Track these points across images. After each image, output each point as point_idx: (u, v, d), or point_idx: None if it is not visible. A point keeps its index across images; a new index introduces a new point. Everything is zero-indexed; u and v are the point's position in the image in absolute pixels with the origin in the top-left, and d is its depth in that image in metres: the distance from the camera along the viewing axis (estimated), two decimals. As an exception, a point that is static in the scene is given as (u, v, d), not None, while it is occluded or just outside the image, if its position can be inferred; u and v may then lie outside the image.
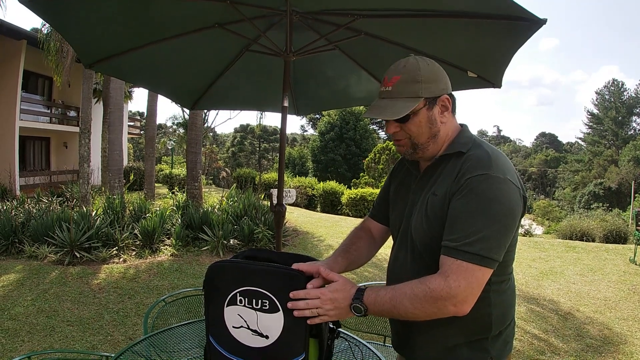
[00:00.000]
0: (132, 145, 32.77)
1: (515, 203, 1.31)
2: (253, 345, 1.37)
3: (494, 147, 1.46)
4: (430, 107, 1.42)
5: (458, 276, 1.24)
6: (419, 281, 1.29)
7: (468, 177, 1.31)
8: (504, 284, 1.45)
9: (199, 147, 10.79)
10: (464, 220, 1.29)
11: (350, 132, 35.92)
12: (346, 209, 16.77)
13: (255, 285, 1.36)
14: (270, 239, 7.80)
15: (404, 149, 1.49)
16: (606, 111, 53.25)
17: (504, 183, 1.29)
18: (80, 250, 6.32)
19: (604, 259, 8.63)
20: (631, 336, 4.80)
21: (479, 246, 1.25)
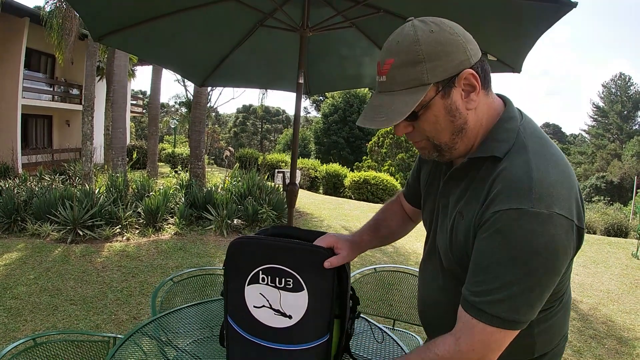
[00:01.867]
0: (134, 124, 32.65)
1: (564, 246, 0.94)
2: (275, 325, 1.29)
3: (546, 144, 1.04)
4: (446, 93, 1.00)
5: (472, 338, 0.98)
6: (427, 348, 1.07)
7: (496, 211, 0.95)
8: (553, 309, 1.13)
9: (203, 126, 10.71)
10: (488, 270, 0.97)
11: (354, 114, 35.76)
12: (349, 192, 16.73)
13: (278, 263, 1.28)
14: (275, 219, 7.78)
15: (427, 152, 1.13)
16: (612, 104, 53.00)
17: (547, 222, 0.91)
18: (83, 228, 6.28)
19: (606, 252, 8.62)
20: (634, 329, 4.80)
21: (503, 307, 0.95)
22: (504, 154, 1.02)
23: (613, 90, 53.93)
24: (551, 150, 1.02)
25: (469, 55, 1.00)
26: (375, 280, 2.95)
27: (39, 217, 6.53)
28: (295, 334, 1.28)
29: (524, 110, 1.15)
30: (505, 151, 1.02)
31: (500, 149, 1.02)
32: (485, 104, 1.07)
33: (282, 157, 20.02)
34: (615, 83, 54.07)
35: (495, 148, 1.03)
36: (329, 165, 19.22)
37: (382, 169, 22.55)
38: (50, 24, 11.67)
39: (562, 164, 1.01)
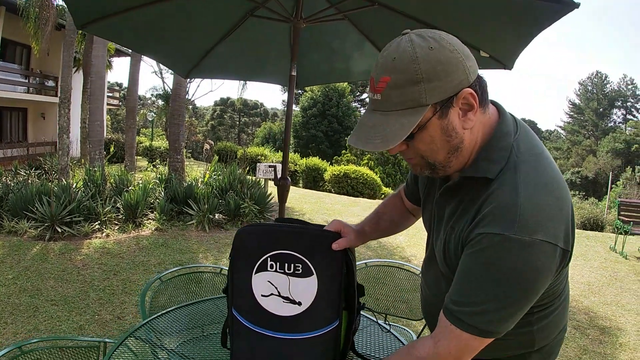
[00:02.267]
0: (110, 117, 32.02)
1: (543, 270, 0.96)
2: (284, 314, 1.28)
3: (538, 163, 1.04)
4: (443, 114, 0.98)
5: (449, 342, 1.04)
6: (406, 351, 1.14)
7: (480, 233, 0.98)
8: (550, 308, 1.17)
9: (182, 119, 10.53)
10: (468, 284, 1.02)
11: (333, 108, 35.76)
12: (329, 186, 16.72)
13: (287, 249, 1.27)
14: (257, 213, 7.68)
15: (419, 169, 1.11)
16: (588, 102, 54.49)
17: (529, 249, 0.93)
18: (62, 224, 6.07)
19: (585, 246, 8.78)
20: (615, 321, 4.91)
21: (480, 319, 0.99)
22: (495, 174, 1.01)
23: (589, 88, 55.47)
24: (544, 171, 1.02)
25: (468, 73, 0.97)
26: (365, 276, 2.91)
27: (15, 214, 6.29)
28: (304, 322, 1.27)
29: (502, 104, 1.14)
30: (497, 172, 1.01)
31: (492, 170, 1.02)
32: (481, 122, 1.05)
33: (262, 151, 19.88)
34: (592, 81, 55.61)
35: (487, 169, 1.03)
36: (308, 159, 19.17)
37: (362, 162, 22.63)
38: (27, 13, 11.37)
39: (554, 188, 1.00)
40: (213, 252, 6.07)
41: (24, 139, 17.38)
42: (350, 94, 39.95)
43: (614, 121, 54.37)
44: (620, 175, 39.27)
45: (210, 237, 6.68)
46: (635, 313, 5.17)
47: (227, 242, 6.54)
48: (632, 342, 4.38)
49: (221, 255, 5.94)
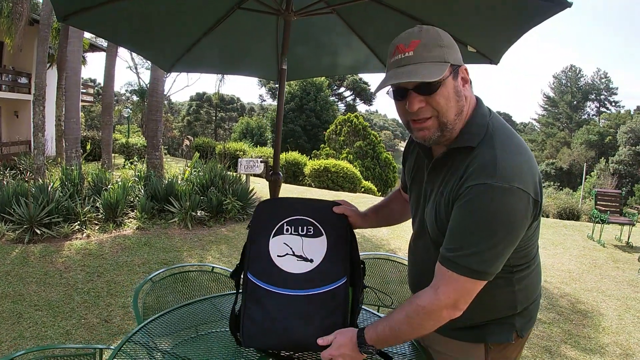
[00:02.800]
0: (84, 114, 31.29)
1: (521, 213, 1.18)
2: (297, 271, 1.47)
3: (509, 136, 1.28)
4: (455, 77, 1.24)
5: (448, 287, 1.21)
6: (410, 302, 1.29)
7: (468, 186, 1.20)
8: (527, 269, 1.40)
9: (160, 115, 10.31)
10: (461, 231, 1.21)
11: (311, 103, 35.70)
12: (309, 180, 16.67)
13: (300, 215, 1.54)
14: (240, 210, 7.60)
15: (429, 133, 1.28)
16: (562, 95, 55.77)
17: (508, 194, 1.15)
18: (41, 226, 5.90)
19: (563, 234, 8.97)
20: (597, 306, 5.06)
21: (472, 259, 1.18)
22: (476, 143, 1.25)
23: (563, 82, 56.80)
24: (515, 141, 1.26)
25: (460, 56, 1.27)
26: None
27: (-9, 216, 6.09)
28: (316, 277, 1.46)
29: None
30: (477, 141, 1.25)
31: (473, 140, 1.26)
32: (470, 97, 1.31)
33: (241, 146, 19.70)
34: (566, 74, 56.92)
35: (469, 139, 1.26)
36: (288, 154, 19.07)
37: (340, 156, 22.62)
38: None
39: (523, 152, 1.24)
40: (197, 250, 5.99)
41: (-3, 139, 16.89)
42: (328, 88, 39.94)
43: (588, 114, 56.10)
44: (594, 166, 40.36)
45: (194, 235, 6.59)
46: (615, 298, 5.31)
47: (211, 239, 6.47)
48: (614, 325, 4.53)
49: (206, 253, 5.86)
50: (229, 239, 6.54)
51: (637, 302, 5.24)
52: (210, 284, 2.66)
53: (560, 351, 3.90)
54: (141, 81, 31.17)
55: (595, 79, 55.72)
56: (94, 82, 40.03)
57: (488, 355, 1.43)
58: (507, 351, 1.45)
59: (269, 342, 1.46)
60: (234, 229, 7.06)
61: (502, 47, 2.70)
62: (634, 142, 40.66)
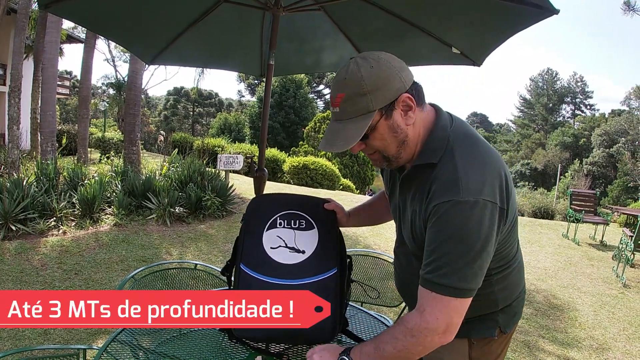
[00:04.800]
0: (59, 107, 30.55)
1: (491, 224, 1.18)
2: (289, 262, 1.53)
3: (472, 144, 1.28)
4: (388, 115, 1.24)
5: (434, 309, 1.19)
6: (397, 324, 1.27)
7: (434, 205, 1.20)
8: (506, 270, 1.40)
9: (138, 109, 10.14)
10: (436, 251, 1.20)
11: (290, 99, 35.61)
12: (287, 177, 16.62)
13: (293, 209, 1.63)
14: (219, 206, 7.53)
15: (378, 163, 1.37)
16: (538, 97, 56.93)
17: (475, 207, 1.16)
18: (16, 222, 5.74)
19: (539, 233, 9.15)
20: (573, 302, 5.20)
21: (453, 277, 1.17)
22: (438, 159, 1.25)
23: (540, 84, 57.97)
24: (476, 150, 1.27)
25: (404, 82, 1.23)
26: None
27: (-36, 213, 5.88)
28: (307, 267, 1.52)
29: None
30: (438, 157, 1.25)
31: (434, 156, 1.26)
32: (420, 118, 1.30)
33: (219, 142, 19.48)
34: (543, 77, 58.13)
35: (430, 156, 1.27)
36: (267, 151, 18.93)
37: (319, 154, 22.63)
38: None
39: (486, 161, 1.24)
40: (177, 246, 5.92)
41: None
42: (308, 86, 39.87)
43: (563, 116, 57.46)
44: (568, 167, 41.32)
45: (173, 232, 6.51)
46: (590, 295, 5.45)
47: (191, 236, 6.40)
48: (590, 321, 4.66)
49: (185, 250, 5.80)
50: (208, 236, 6.48)
51: (611, 298, 5.39)
52: (190, 282, 2.62)
53: (539, 345, 4.00)
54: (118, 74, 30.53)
55: (572, 82, 57.15)
56: (70, 74, 39.19)
57: (472, 350, 1.45)
58: (491, 346, 1.47)
59: (259, 333, 1.48)
60: (213, 226, 7.00)
61: (487, 50, 2.73)
62: (607, 145, 41.75)
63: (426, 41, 2.77)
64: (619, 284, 5.99)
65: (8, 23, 12.91)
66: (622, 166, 36.86)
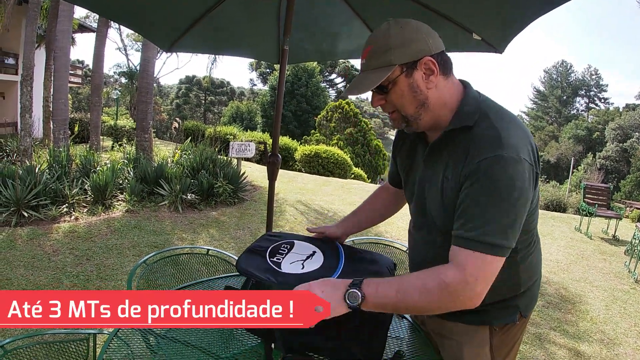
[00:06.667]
0: (71, 96, 30.76)
1: (528, 184, 1.19)
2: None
3: (503, 111, 1.31)
4: (409, 73, 1.26)
5: (476, 269, 1.16)
6: (430, 274, 1.21)
7: (479, 160, 1.19)
8: (530, 248, 1.41)
9: (150, 97, 10.12)
10: (478, 208, 1.18)
11: (302, 88, 35.54)
12: (299, 165, 16.58)
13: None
14: (231, 193, 7.54)
15: (397, 123, 1.38)
16: (552, 89, 56.32)
17: (518, 164, 1.16)
18: (28, 208, 5.78)
19: (551, 226, 9.05)
20: (584, 296, 5.15)
21: (495, 235, 1.15)
22: (473, 121, 1.26)
23: (554, 76, 57.35)
24: (510, 116, 1.30)
25: (430, 46, 1.27)
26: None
27: (-23, 200, 5.94)
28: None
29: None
30: (474, 120, 1.26)
31: (469, 119, 1.27)
32: (445, 86, 1.31)
33: (231, 130, 19.47)
34: (557, 69, 57.47)
35: (465, 119, 1.28)
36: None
37: (331, 143, 22.55)
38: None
39: (518, 123, 1.27)
40: (188, 233, 5.94)
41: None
42: (320, 74, 39.73)
43: (577, 109, 56.86)
44: (581, 161, 40.88)
45: (184, 218, 6.53)
46: (602, 289, 5.39)
47: (202, 222, 6.42)
48: (601, 315, 4.61)
49: (197, 237, 5.82)
50: (220, 223, 6.49)
51: (623, 293, 5.32)
52: (201, 268, 2.62)
53: (550, 338, 3.97)
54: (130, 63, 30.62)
55: (586, 75, 56.44)
56: (82, 63, 39.37)
57: (493, 337, 1.45)
58: (511, 332, 1.48)
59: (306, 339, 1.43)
60: (224, 213, 7.01)
61: (509, 36, 2.65)
62: (621, 139, 41.22)
63: (446, 27, 2.71)
64: (631, 279, 5.91)
65: (19, 13, 13.00)
66: (635, 161, 36.37)
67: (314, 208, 7.93)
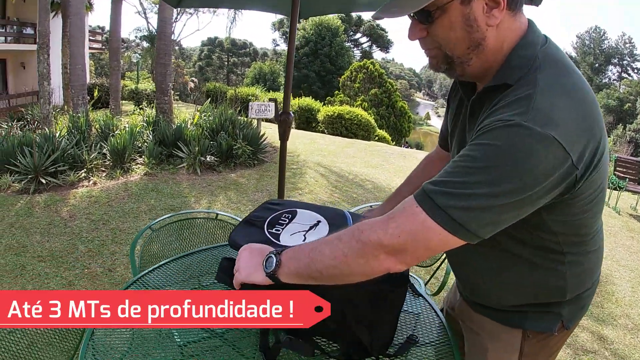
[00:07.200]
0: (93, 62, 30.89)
1: (544, 172, 0.83)
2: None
3: (565, 72, 0.94)
4: (466, 1, 0.92)
5: (405, 222, 0.88)
6: (358, 225, 0.96)
7: (491, 120, 0.88)
8: (583, 252, 1.09)
9: (169, 59, 10.01)
10: (461, 166, 0.87)
11: (326, 48, 34.90)
12: (322, 127, 16.34)
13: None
14: (250, 155, 7.42)
15: (436, 63, 1.03)
16: (584, 56, 54.29)
17: (538, 141, 0.81)
18: (46, 175, 5.77)
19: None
20: (611, 275, 4.82)
21: (455, 203, 0.84)
22: (515, 81, 0.93)
23: (587, 42, 55.13)
24: (569, 78, 0.93)
25: None
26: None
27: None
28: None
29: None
30: (516, 78, 0.93)
31: (512, 75, 0.94)
32: (509, 25, 0.97)
33: (253, 91, 19.26)
34: (590, 35, 55.28)
35: (507, 75, 0.95)
36: (301, 99, 18.64)
37: (355, 104, 22.18)
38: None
39: (576, 92, 0.91)
40: (206, 195, 5.85)
41: (4, 91, 16.76)
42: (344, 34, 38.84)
43: (609, 78, 54.98)
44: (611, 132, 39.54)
45: (203, 180, 6.45)
46: (629, 269, 5.05)
47: (220, 185, 6.32)
48: (627, 298, 4.31)
49: (214, 199, 5.73)
50: (239, 185, 6.39)
51: (650, 276, 4.99)
52: (216, 231, 2.50)
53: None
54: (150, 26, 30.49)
55: (620, 43, 53.95)
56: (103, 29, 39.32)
57: (525, 344, 1.19)
58: (548, 343, 1.20)
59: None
60: (243, 175, 6.90)
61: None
62: (653, 112, 39.74)
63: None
64: (659, 261, 5.54)
65: (35, -19, 12.84)
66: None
67: (335, 170, 7.74)
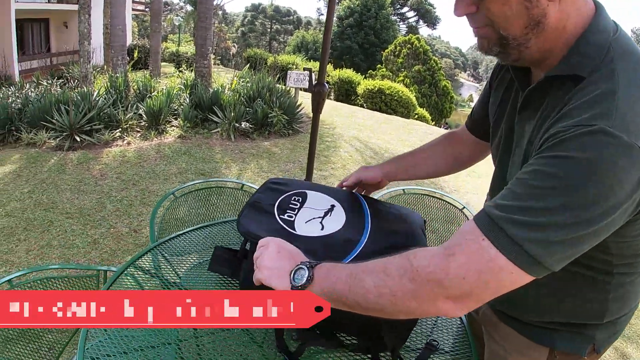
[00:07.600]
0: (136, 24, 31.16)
1: (629, 189, 0.68)
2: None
3: None
4: None
5: (470, 262, 0.72)
6: (403, 255, 0.80)
7: (566, 125, 0.72)
8: (630, 276, 0.94)
9: (210, 22, 9.87)
10: (527, 184, 0.72)
11: (371, 20, 34.10)
12: (361, 100, 16.00)
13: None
14: (285, 124, 7.29)
15: (486, 44, 0.86)
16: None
17: (627, 152, 0.67)
18: (81, 133, 5.82)
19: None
20: None
21: (531, 235, 0.68)
22: (588, 73, 0.77)
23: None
24: None
25: None
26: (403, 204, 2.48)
27: (34, 125, 6.05)
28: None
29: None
30: (590, 69, 0.77)
31: (584, 66, 0.78)
32: (573, 3, 0.80)
33: (293, 59, 18.98)
34: None
35: (577, 65, 0.79)
36: (342, 71, 18.26)
37: (397, 79, 21.65)
38: None
39: None
40: (237, 162, 5.78)
41: (47, 50, 17.03)
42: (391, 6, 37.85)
43: None
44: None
45: (235, 147, 6.37)
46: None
47: (253, 152, 6.24)
48: None
49: (246, 166, 5.65)
50: (271, 154, 6.28)
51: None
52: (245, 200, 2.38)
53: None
54: (194, -11, 30.31)
55: None
56: (146, -9, 39.61)
57: None
58: None
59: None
60: (277, 144, 6.78)
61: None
62: None
63: None
64: None
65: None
66: None
67: (371, 146, 7.52)
